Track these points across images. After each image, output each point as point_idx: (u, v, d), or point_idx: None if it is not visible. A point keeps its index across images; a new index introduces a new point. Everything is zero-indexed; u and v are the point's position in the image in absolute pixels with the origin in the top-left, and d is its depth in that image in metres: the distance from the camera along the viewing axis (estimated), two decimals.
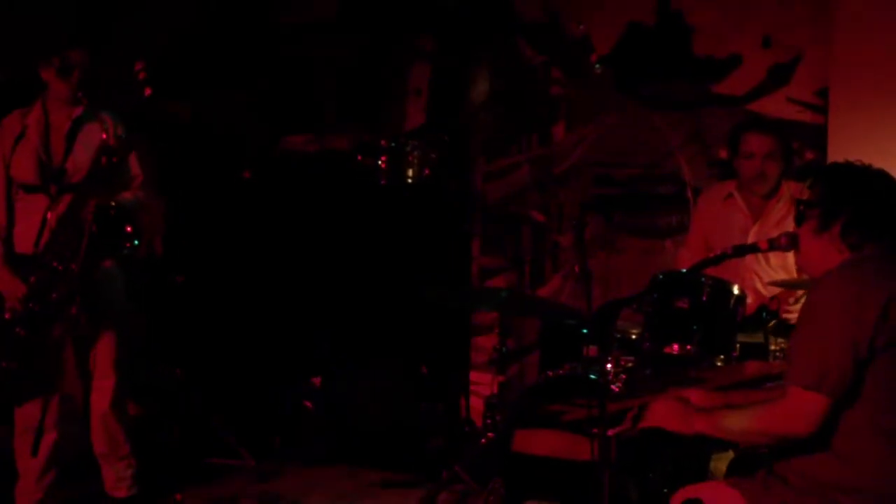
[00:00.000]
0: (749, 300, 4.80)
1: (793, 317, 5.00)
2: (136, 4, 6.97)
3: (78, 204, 4.64)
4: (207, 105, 6.85)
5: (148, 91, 4.64)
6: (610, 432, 3.56)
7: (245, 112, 7.05)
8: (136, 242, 4.48)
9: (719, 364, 4.54)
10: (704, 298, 4.56)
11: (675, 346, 4.56)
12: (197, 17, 7.19)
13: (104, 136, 4.68)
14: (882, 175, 3.30)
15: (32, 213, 4.76)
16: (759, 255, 5.08)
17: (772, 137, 5.25)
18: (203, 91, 6.84)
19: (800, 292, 4.97)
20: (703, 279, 4.57)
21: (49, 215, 4.69)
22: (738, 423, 3.26)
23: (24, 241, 4.76)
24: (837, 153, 4.12)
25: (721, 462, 4.17)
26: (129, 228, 4.58)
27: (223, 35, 7.18)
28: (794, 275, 5.01)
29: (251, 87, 7.14)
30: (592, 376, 4.63)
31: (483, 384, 6.85)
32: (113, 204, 4.65)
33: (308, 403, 6.33)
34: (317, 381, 6.36)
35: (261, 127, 7.10)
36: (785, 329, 4.80)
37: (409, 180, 6.51)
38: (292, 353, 6.69)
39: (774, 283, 5.08)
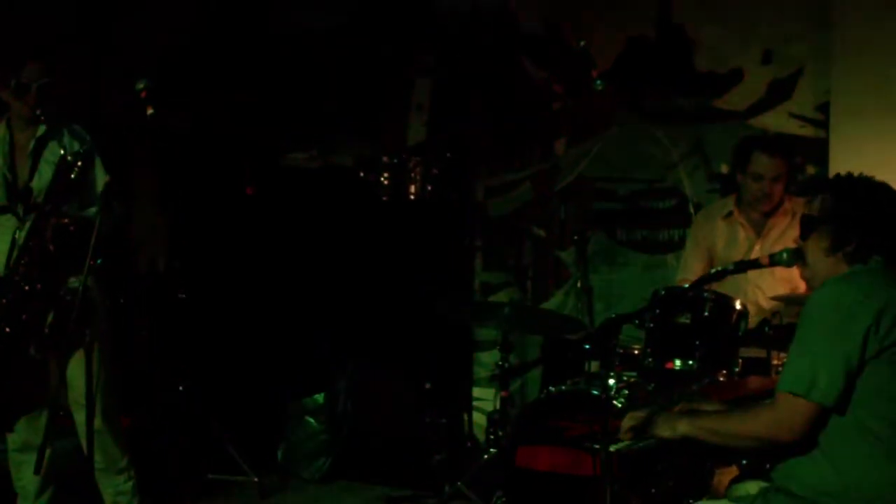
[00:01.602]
0: (752, 315, 4.80)
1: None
2: (136, 16, 6.99)
3: (40, 223, 4.64)
4: (208, 118, 6.86)
5: (150, 110, 4.63)
6: (612, 448, 3.56)
7: (246, 126, 7.06)
8: (98, 261, 4.41)
9: (721, 379, 4.54)
10: (706, 314, 4.57)
11: (678, 362, 4.57)
12: (196, 28, 7.21)
13: (62, 151, 4.67)
14: (886, 189, 3.31)
15: (1, 235, 4.76)
16: (763, 270, 5.07)
17: (781, 160, 5.22)
18: (203, 104, 6.85)
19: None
20: (704, 294, 4.57)
21: (17, 236, 4.69)
22: (726, 426, 3.25)
23: None
24: (839, 167, 4.13)
25: (724, 477, 4.17)
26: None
27: (223, 49, 7.20)
28: (799, 288, 4.99)
29: (252, 102, 7.15)
30: (594, 392, 4.62)
31: (486, 399, 6.87)
32: (67, 220, 4.64)
33: (311, 419, 6.32)
34: (320, 396, 6.35)
35: (262, 142, 7.11)
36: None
37: (412, 196, 6.53)
38: (296, 369, 6.69)
39: (777, 298, 5.07)
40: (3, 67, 4.82)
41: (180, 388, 6.10)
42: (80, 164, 4.61)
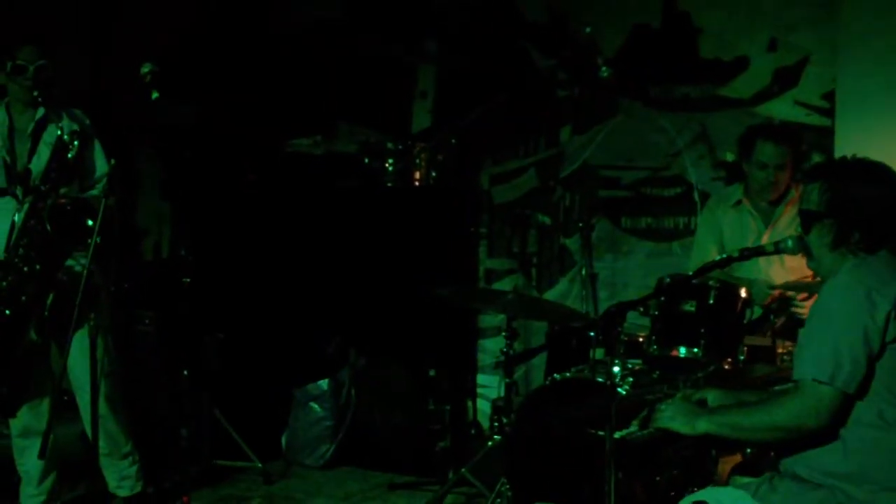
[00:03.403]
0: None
1: (802, 311, 5.00)
2: (140, 5, 6.98)
3: (37, 204, 4.63)
4: (211, 107, 6.85)
5: (155, 93, 4.62)
6: (617, 435, 3.56)
7: (250, 114, 7.05)
8: (97, 239, 4.38)
9: (726, 367, 4.54)
10: (711, 302, 4.56)
11: (682, 350, 4.57)
12: (197, 18, 7.19)
13: (60, 132, 4.65)
14: (885, 171, 3.29)
15: (1, 218, 4.75)
16: (774, 258, 5.07)
17: (786, 148, 5.21)
18: (207, 93, 6.84)
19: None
20: (709, 282, 4.57)
21: (17, 218, 4.68)
22: (749, 419, 3.24)
23: None
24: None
25: (729, 465, 4.17)
26: (89, 223, 4.50)
27: (226, 36, 7.18)
28: (808, 276, 4.97)
29: (256, 89, 7.13)
30: (599, 379, 4.62)
31: (490, 387, 6.87)
32: (64, 201, 4.63)
33: (315, 405, 6.33)
34: (324, 383, 6.36)
35: (266, 129, 7.10)
36: (794, 328, 4.79)
37: (416, 183, 6.52)
38: (299, 355, 6.69)
39: (784, 286, 5.07)
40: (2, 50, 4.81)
41: (185, 373, 6.10)
42: (76, 143, 4.60)
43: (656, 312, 4.67)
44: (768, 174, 5.23)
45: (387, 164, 6.51)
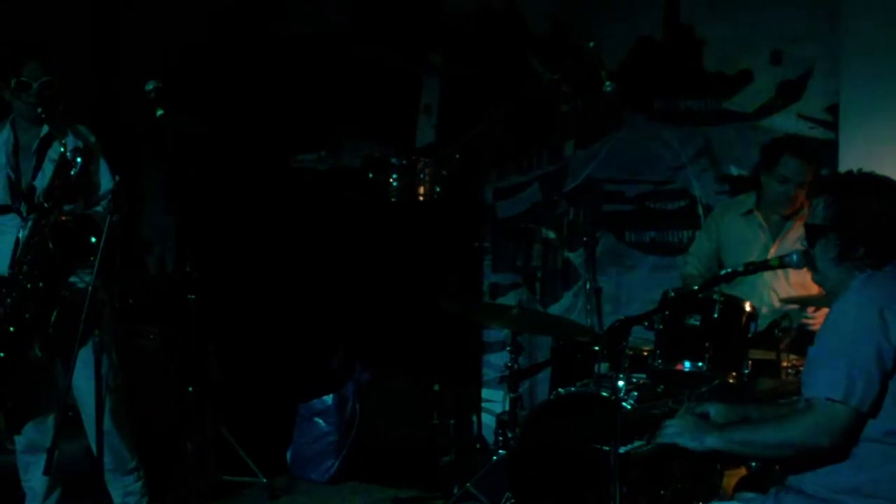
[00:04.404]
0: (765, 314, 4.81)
1: (813, 322, 4.99)
2: (145, 18, 7.00)
3: (40, 222, 4.64)
4: (217, 120, 6.86)
5: (159, 110, 4.63)
6: (622, 450, 3.56)
7: (254, 128, 7.06)
8: (97, 258, 4.38)
9: (731, 381, 4.53)
10: (716, 316, 4.56)
11: (687, 364, 4.57)
12: (203, 30, 7.21)
13: (63, 149, 4.64)
14: (890, 186, 3.29)
15: (6, 234, 4.76)
16: (779, 273, 5.06)
17: (810, 166, 5.20)
18: (212, 106, 6.85)
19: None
20: (714, 296, 4.57)
21: (21, 235, 4.69)
22: (760, 436, 3.24)
23: (0, 262, 4.73)
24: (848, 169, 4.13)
25: (734, 479, 4.16)
26: (92, 240, 4.50)
27: (231, 49, 7.20)
28: (813, 290, 4.97)
29: (260, 102, 7.14)
30: (604, 394, 4.62)
31: (495, 401, 6.86)
32: (67, 218, 4.63)
33: (320, 420, 6.33)
34: (329, 398, 6.35)
35: (271, 143, 7.10)
36: (803, 341, 4.78)
37: (420, 197, 6.52)
38: (304, 370, 6.69)
39: (789, 300, 5.06)
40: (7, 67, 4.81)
41: (190, 389, 6.10)
42: (79, 160, 4.59)
43: (661, 326, 4.67)
44: (788, 189, 5.22)
45: (391, 179, 6.51)
